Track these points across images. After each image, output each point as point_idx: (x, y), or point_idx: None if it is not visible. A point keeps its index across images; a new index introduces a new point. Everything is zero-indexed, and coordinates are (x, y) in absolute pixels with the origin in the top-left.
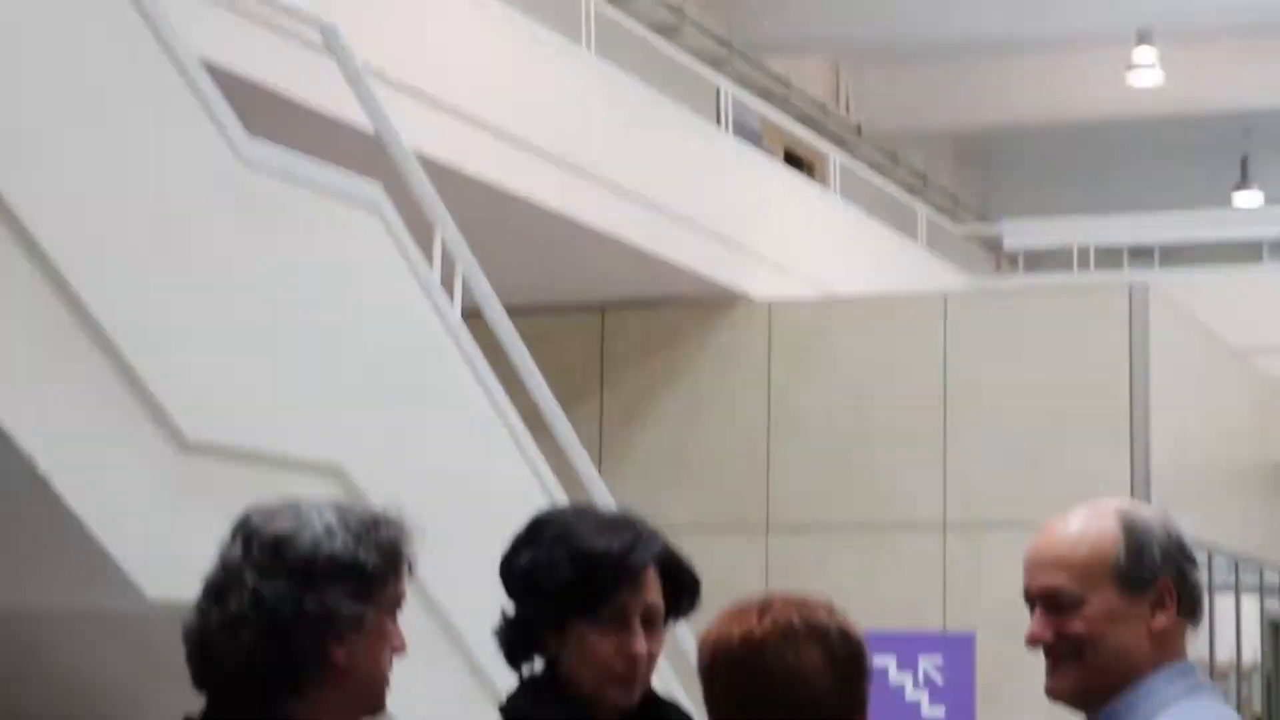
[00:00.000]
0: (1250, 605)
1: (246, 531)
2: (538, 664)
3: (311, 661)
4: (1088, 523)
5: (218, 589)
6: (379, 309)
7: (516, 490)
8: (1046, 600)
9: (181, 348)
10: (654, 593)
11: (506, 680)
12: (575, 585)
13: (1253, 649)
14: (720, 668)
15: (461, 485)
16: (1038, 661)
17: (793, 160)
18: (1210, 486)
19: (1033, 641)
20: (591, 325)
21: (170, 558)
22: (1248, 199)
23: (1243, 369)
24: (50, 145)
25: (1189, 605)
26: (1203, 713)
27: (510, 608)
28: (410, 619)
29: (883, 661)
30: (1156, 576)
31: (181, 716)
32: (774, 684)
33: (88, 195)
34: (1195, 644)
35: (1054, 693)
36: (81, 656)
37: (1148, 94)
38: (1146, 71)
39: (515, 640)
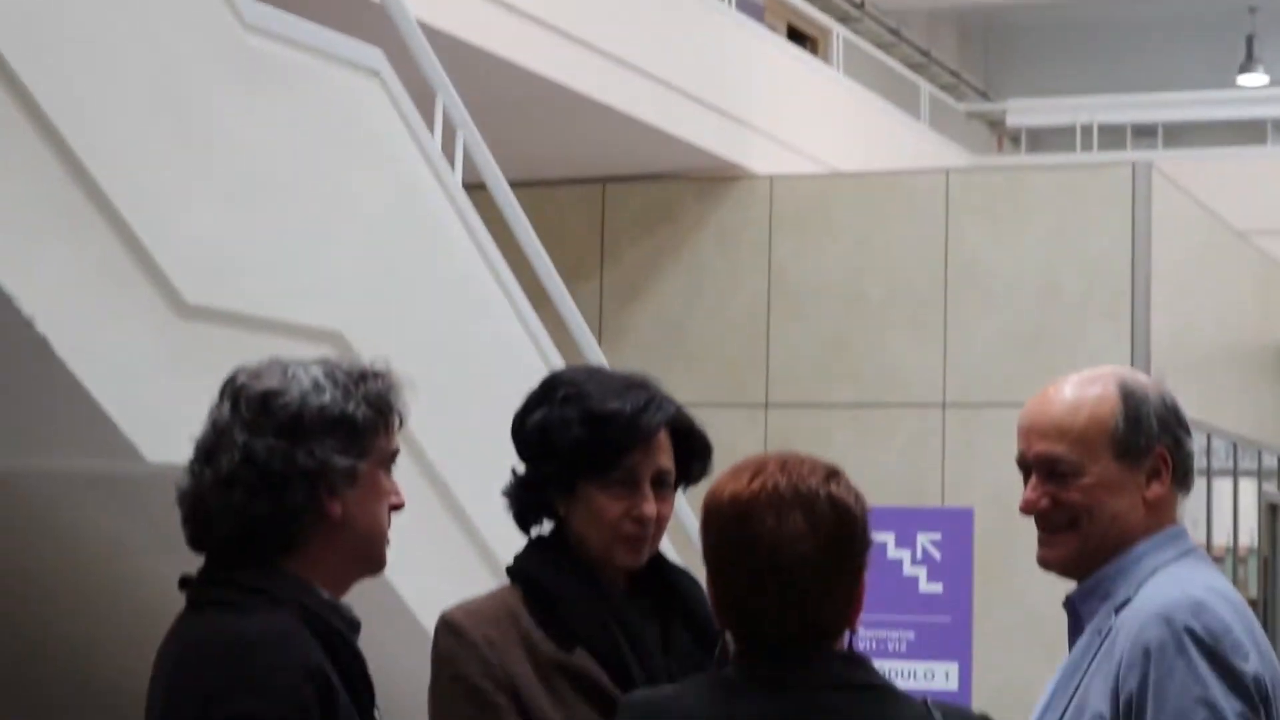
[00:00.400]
0: (1248, 488)
1: (234, 390)
2: (546, 528)
3: (306, 516)
4: (1086, 390)
5: (208, 449)
6: (381, 176)
7: (518, 362)
8: (1043, 467)
9: (181, 211)
10: (665, 456)
11: (506, 550)
12: (586, 445)
13: (1249, 532)
14: (712, 526)
15: (462, 355)
16: (1035, 539)
17: (795, 35)
18: (1210, 368)
19: (1027, 508)
20: (592, 199)
21: (169, 421)
22: (1253, 79)
23: (1245, 250)
24: (53, 8)
25: (1182, 474)
26: (1194, 577)
27: (521, 468)
28: (409, 487)
29: (881, 537)
30: (1153, 446)
31: (173, 581)
32: (757, 546)
33: (90, 58)
34: (1193, 529)
35: (1046, 562)
36: (83, 521)
37: None
38: None
39: (525, 501)
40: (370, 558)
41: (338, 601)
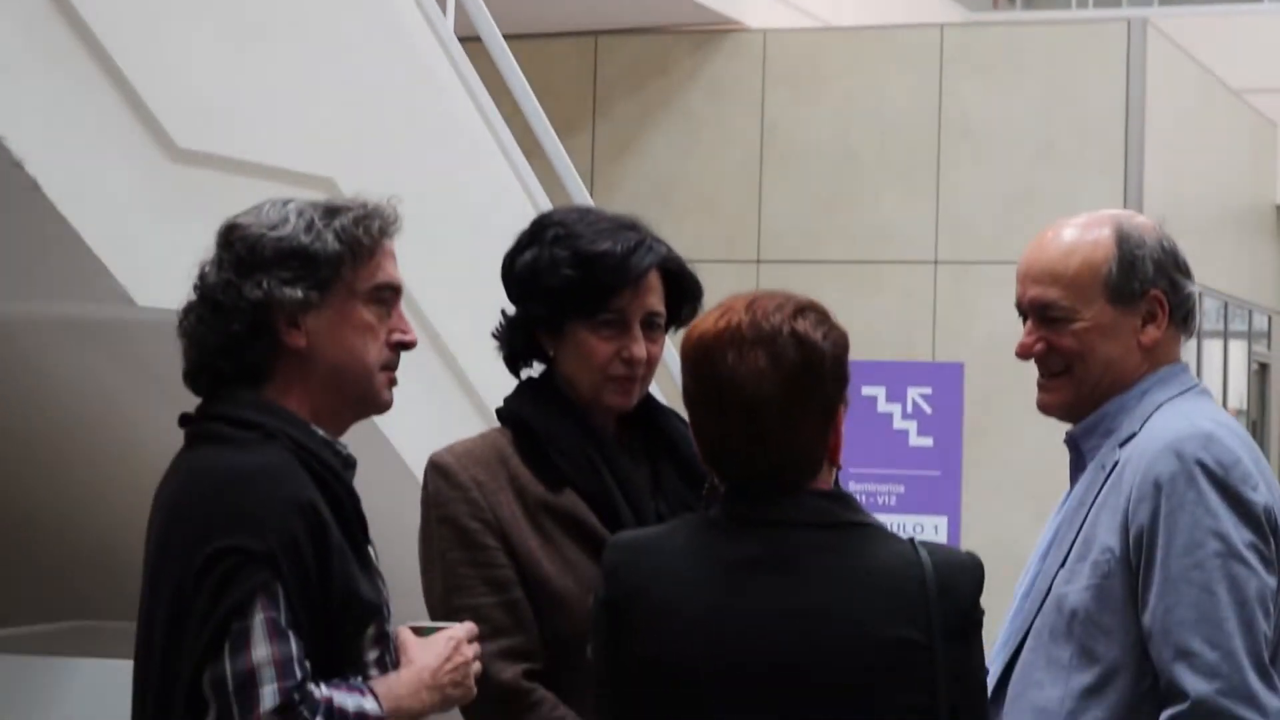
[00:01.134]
0: (1237, 350)
1: (218, 229)
2: (536, 371)
3: (261, 346)
4: (1082, 234)
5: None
6: (373, 21)
7: (510, 211)
8: (1037, 312)
9: (174, 54)
10: (655, 297)
11: (495, 395)
12: (576, 285)
13: (1238, 394)
14: (685, 365)
15: (454, 204)
16: (1024, 395)
17: None
18: (1202, 227)
19: (1022, 353)
20: (584, 52)
21: (160, 265)
22: None
23: (1240, 109)
24: None
25: (1182, 316)
26: (1200, 411)
27: (510, 309)
28: None
29: (871, 391)
30: (1148, 289)
31: (166, 429)
32: (721, 385)
33: None
34: None
35: (1045, 406)
36: (73, 367)
37: None
38: None
39: (514, 342)
40: (352, 392)
41: (332, 438)
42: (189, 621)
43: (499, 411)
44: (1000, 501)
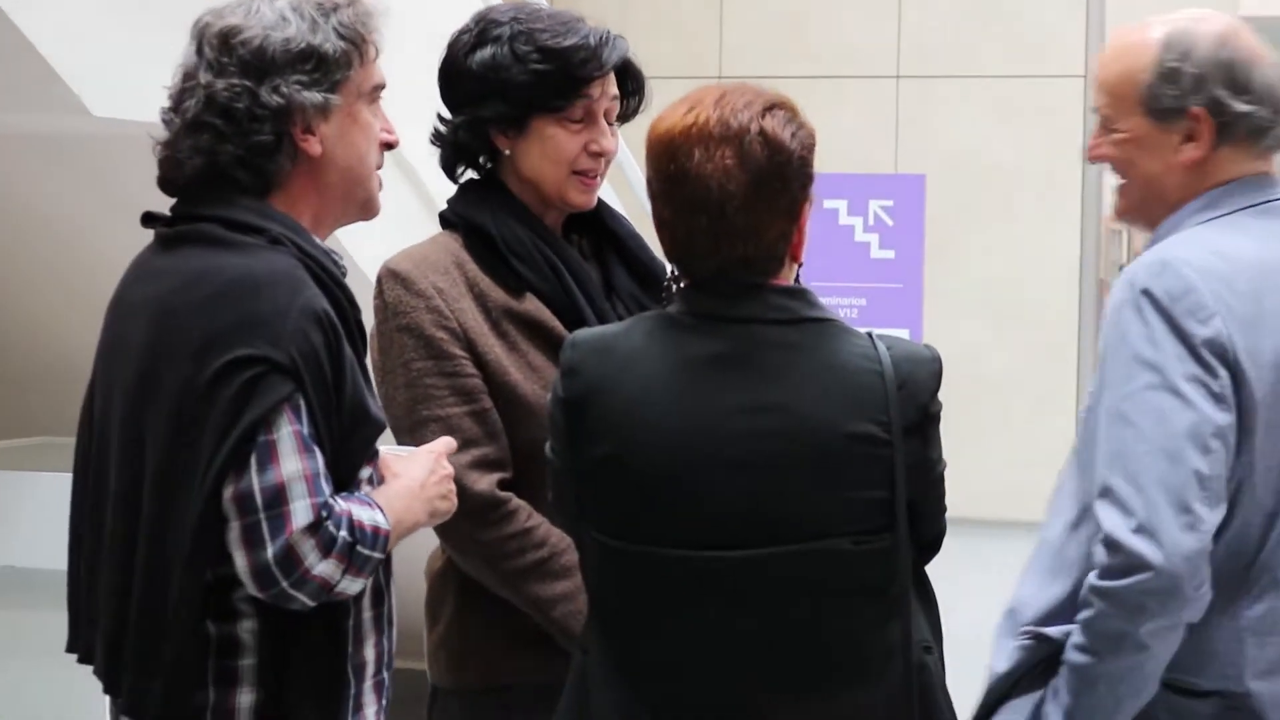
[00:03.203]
0: None
1: (199, 31)
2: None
3: (280, 155)
4: (1132, 37)
5: (178, 96)
6: None
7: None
8: (1099, 115)
9: None
10: (615, 90)
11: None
12: (547, 78)
13: None
14: (650, 159)
15: (412, 13)
16: (986, 209)
17: None
18: None
19: (1089, 155)
20: None
21: (116, 76)
22: None
23: None
24: None
25: (1247, 131)
26: (1198, 238)
27: (452, 113)
28: None
29: (833, 204)
30: (1185, 106)
31: (125, 243)
32: (686, 182)
33: None
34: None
35: (1115, 212)
36: (27, 181)
37: None
38: None
39: (463, 144)
40: (357, 198)
41: (328, 247)
42: (202, 433)
43: (443, 216)
44: (962, 314)
